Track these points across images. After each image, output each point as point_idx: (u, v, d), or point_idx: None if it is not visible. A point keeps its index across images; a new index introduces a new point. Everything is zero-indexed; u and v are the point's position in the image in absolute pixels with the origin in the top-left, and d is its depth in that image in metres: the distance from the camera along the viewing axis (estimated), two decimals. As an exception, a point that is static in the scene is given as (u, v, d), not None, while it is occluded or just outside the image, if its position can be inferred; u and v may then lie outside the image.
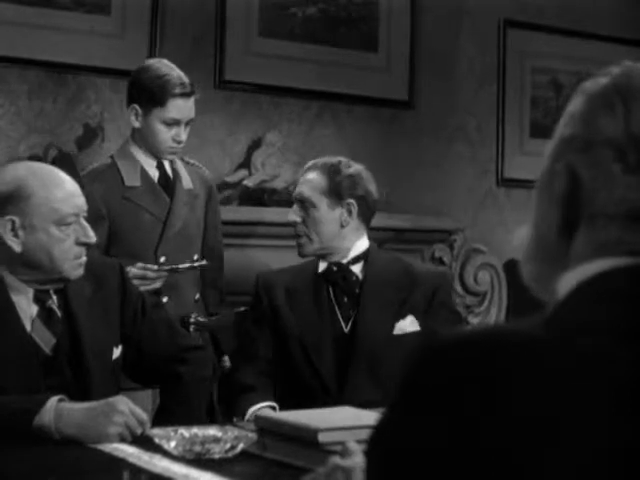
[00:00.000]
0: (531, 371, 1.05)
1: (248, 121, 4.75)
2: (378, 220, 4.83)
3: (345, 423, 2.06)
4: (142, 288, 3.10)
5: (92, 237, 2.52)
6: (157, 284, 3.28)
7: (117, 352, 2.62)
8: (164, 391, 2.75)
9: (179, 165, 3.55)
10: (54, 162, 3.90)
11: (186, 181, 3.54)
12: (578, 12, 5.53)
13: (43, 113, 4.33)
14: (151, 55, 4.43)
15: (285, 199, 4.57)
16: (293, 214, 3.19)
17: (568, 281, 1.16)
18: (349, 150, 4.98)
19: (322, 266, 3.15)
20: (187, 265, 3.36)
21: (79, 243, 2.50)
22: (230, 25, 4.66)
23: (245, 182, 4.56)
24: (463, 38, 5.32)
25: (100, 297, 2.62)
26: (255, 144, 4.72)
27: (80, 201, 2.52)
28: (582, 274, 1.14)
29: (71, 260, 2.49)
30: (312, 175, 3.16)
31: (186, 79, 3.43)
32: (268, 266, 3.60)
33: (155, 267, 3.27)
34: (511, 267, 4.91)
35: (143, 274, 3.21)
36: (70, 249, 2.48)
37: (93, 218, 3.27)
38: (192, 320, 3.34)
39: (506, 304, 5.13)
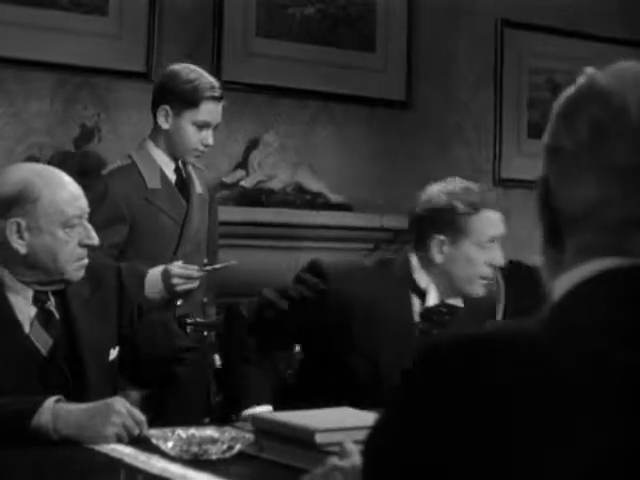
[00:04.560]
0: (532, 373, 1.05)
1: (246, 121, 4.75)
2: (374, 220, 4.87)
3: (343, 424, 2.06)
4: (182, 287, 3.21)
5: (95, 239, 2.52)
6: (196, 284, 3.32)
7: (114, 353, 2.62)
8: (161, 392, 2.75)
9: (191, 169, 3.58)
10: (50, 162, 3.90)
11: (198, 185, 3.57)
12: (575, 12, 5.54)
13: (40, 114, 4.34)
14: (148, 55, 4.44)
15: (282, 200, 4.57)
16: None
17: (563, 282, 1.17)
18: (347, 151, 5.00)
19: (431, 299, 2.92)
20: (222, 265, 3.42)
21: (82, 245, 2.50)
22: (228, 25, 4.66)
23: (242, 183, 4.57)
24: (460, 38, 5.32)
25: (98, 298, 2.62)
26: (253, 144, 4.72)
27: (84, 203, 2.52)
28: (576, 276, 1.16)
29: (74, 262, 2.49)
30: None
31: (217, 83, 3.48)
32: (265, 267, 3.58)
33: (196, 267, 3.30)
34: (510, 268, 4.91)
35: (189, 273, 3.25)
36: (74, 251, 2.48)
37: (114, 218, 3.32)
38: (190, 321, 3.34)
39: (504, 306, 5.13)
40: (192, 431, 2.20)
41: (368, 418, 1.98)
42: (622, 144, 1.15)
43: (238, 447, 2.13)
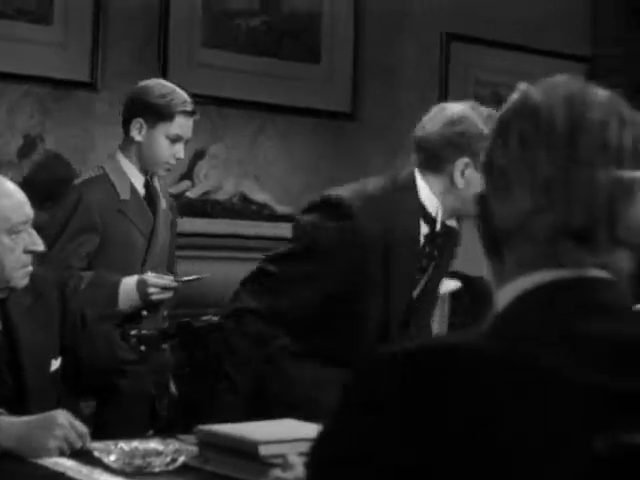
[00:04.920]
0: (476, 383, 1.06)
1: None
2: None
3: (286, 436, 2.06)
4: (158, 297, 3.28)
5: (40, 245, 2.50)
6: (171, 294, 3.37)
7: (56, 364, 2.59)
8: (103, 404, 2.74)
9: (157, 184, 3.61)
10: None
11: (163, 201, 3.61)
12: (521, 27, 5.59)
13: (-17, 123, 4.29)
14: (93, 65, 4.41)
15: (228, 210, 4.57)
16: None
17: (505, 294, 1.19)
18: (293, 162, 5.00)
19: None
20: (195, 277, 3.44)
21: (27, 251, 2.48)
22: (173, 36, 4.65)
23: (188, 193, 4.55)
24: (406, 50, 5.35)
25: (40, 307, 2.60)
26: (198, 155, 4.71)
27: (29, 209, 2.50)
28: (516, 288, 1.18)
29: (19, 269, 2.47)
30: None
31: (189, 98, 3.52)
32: (211, 278, 3.56)
33: (171, 277, 3.36)
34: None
35: (165, 283, 3.31)
36: (19, 258, 2.46)
37: (87, 227, 3.33)
38: (133, 333, 3.32)
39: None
40: (135, 444, 2.18)
41: (311, 430, 1.98)
42: (546, 156, 1.18)
43: (182, 459, 2.12)
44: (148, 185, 3.56)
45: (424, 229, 2.84)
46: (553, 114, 1.19)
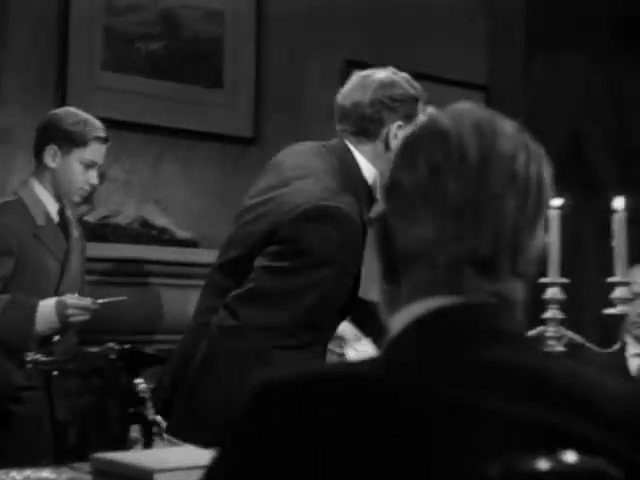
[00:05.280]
0: (359, 410, 1.06)
1: (91, 156, 4.68)
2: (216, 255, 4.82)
3: (182, 463, 2.04)
4: (77, 319, 3.29)
5: None
6: (89, 316, 3.37)
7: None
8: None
9: (69, 212, 3.65)
10: None
11: (75, 228, 3.67)
12: (420, 55, 5.65)
13: None
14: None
15: (129, 235, 4.52)
16: None
17: (397, 321, 1.19)
18: (194, 186, 4.97)
19: None
20: (114, 300, 3.49)
21: None
22: (73, 58, 4.59)
23: (87, 217, 4.49)
24: (309, 76, 5.37)
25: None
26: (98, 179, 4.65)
27: None
28: (410, 314, 1.18)
29: None
30: None
31: (102, 126, 3.60)
32: (108, 303, 3.53)
33: (89, 299, 3.37)
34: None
35: (84, 305, 3.32)
36: None
37: (3, 251, 3.35)
38: (29, 359, 3.26)
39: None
40: (28, 472, 2.14)
41: (209, 458, 1.96)
42: (457, 185, 1.18)
43: (75, 489, 2.08)
44: (62, 212, 3.59)
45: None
46: (464, 143, 1.19)
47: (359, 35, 5.47)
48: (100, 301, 3.41)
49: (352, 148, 2.86)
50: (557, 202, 2.68)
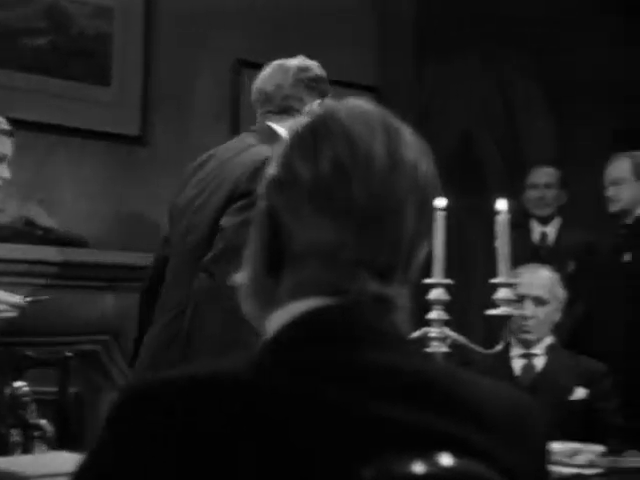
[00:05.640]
0: (234, 412, 1.04)
1: (-27, 153, 4.57)
2: (109, 257, 4.76)
3: (57, 469, 1.99)
4: (5, 315, 3.22)
5: None
6: (17, 314, 3.28)
7: None
8: None
9: None
10: None
11: None
12: (311, 57, 5.64)
13: None
14: None
15: (10, 234, 4.42)
16: None
17: (275, 320, 1.17)
18: (81, 186, 4.89)
19: None
20: (41, 298, 3.46)
21: None
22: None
23: (-33, 216, 4.39)
24: (199, 75, 5.32)
25: None
26: (-20, 177, 4.54)
27: None
28: (288, 314, 1.15)
29: None
30: None
31: (4, 119, 3.59)
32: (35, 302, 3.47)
33: (19, 297, 3.30)
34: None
35: (15, 302, 3.26)
36: None
37: None
38: None
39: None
40: None
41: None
42: (362, 187, 1.15)
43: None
44: None
45: None
46: (373, 147, 1.16)
47: (250, 34, 5.44)
48: (28, 299, 3.32)
49: (276, 126, 3.11)
50: (442, 203, 2.69)
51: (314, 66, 3.28)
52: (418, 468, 1.04)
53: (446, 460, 1.06)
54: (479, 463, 1.07)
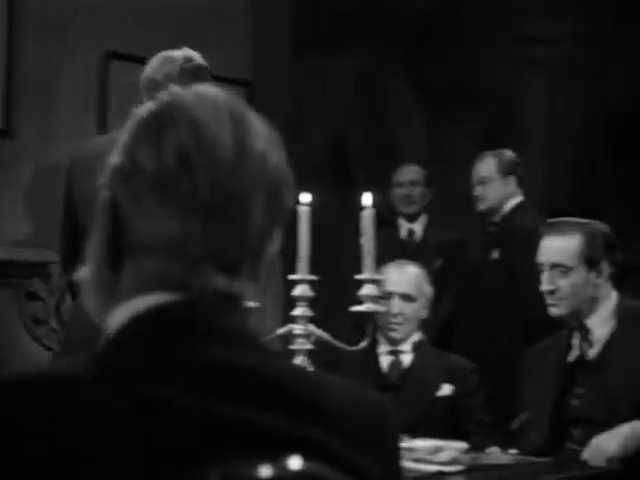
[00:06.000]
0: (67, 416, 1.01)
1: None
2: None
3: None
4: None
5: None
6: None
7: None
8: None
9: None
10: None
11: None
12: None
13: None
14: None
15: None
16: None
17: (117, 317, 1.12)
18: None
19: None
20: None
21: None
22: None
23: None
24: (65, 67, 5.20)
25: None
26: None
27: None
28: (130, 311, 1.11)
29: None
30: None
31: None
32: None
33: None
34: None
35: None
36: None
37: None
38: None
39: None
40: None
41: None
42: (207, 179, 1.11)
43: None
44: None
45: None
46: (219, 136, 1.11)
47: (120, 27, 5.35)
48: None
49: None
50: (307, 198, 2.67)
51: (197, 57, 3.50)
52: (265, 472, 1.01)
53: (294, 463, 1.03)
54: (324, 464, 1.05)
